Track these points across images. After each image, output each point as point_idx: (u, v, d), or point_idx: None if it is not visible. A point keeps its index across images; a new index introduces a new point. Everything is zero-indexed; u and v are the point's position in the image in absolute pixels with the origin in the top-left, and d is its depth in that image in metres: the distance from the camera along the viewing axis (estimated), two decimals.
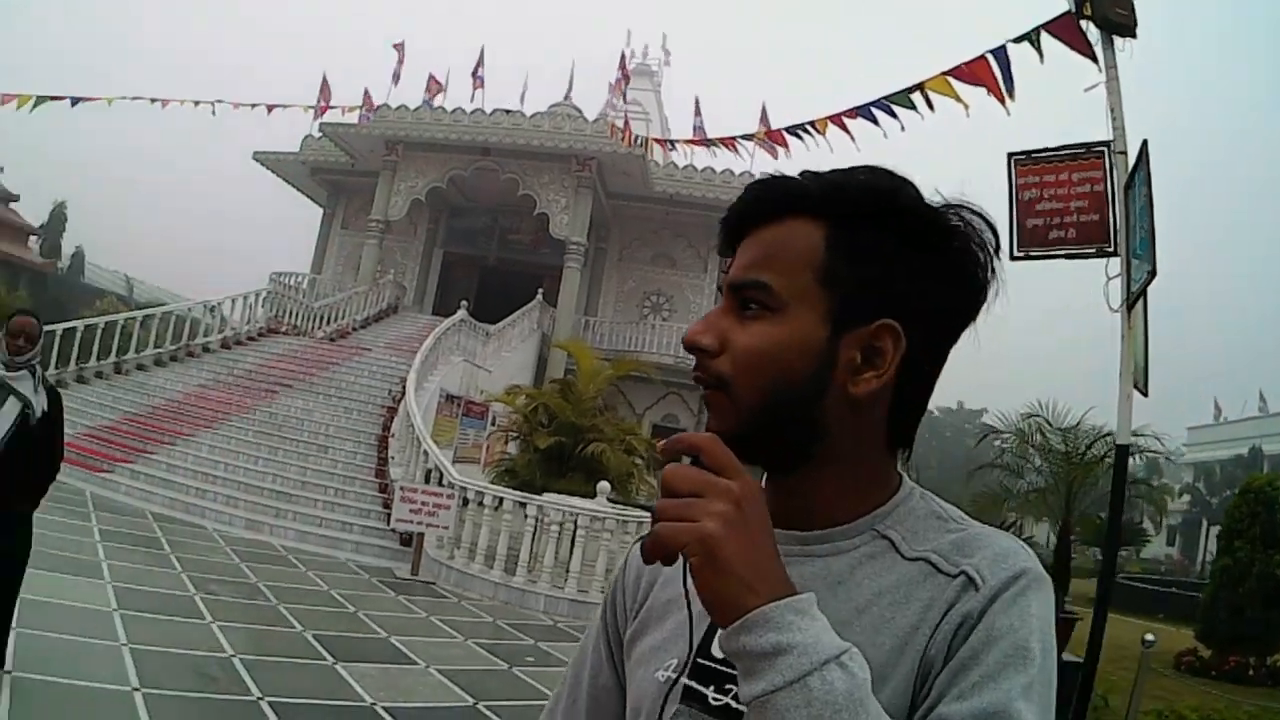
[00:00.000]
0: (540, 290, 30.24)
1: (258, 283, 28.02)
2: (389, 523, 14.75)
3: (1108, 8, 7.93)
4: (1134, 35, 8.01)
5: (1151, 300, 7.77)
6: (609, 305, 32.82)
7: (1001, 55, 9.32)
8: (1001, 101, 9.44)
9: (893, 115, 11.08)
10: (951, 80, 9.89)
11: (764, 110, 21.31)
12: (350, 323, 28.56)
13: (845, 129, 12.42)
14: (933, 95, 10.26)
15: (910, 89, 10.50)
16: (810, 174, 1.16)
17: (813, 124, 13.24)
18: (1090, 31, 8.19)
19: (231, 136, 41.11)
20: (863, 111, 11.58)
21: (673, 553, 0.94)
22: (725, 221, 1.19)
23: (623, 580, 1.37)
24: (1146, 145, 7.71)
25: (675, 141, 25.90)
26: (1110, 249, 7.78)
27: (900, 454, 1.20)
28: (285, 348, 25.29)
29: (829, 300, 1.09)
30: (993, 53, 9.38)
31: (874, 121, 11.42)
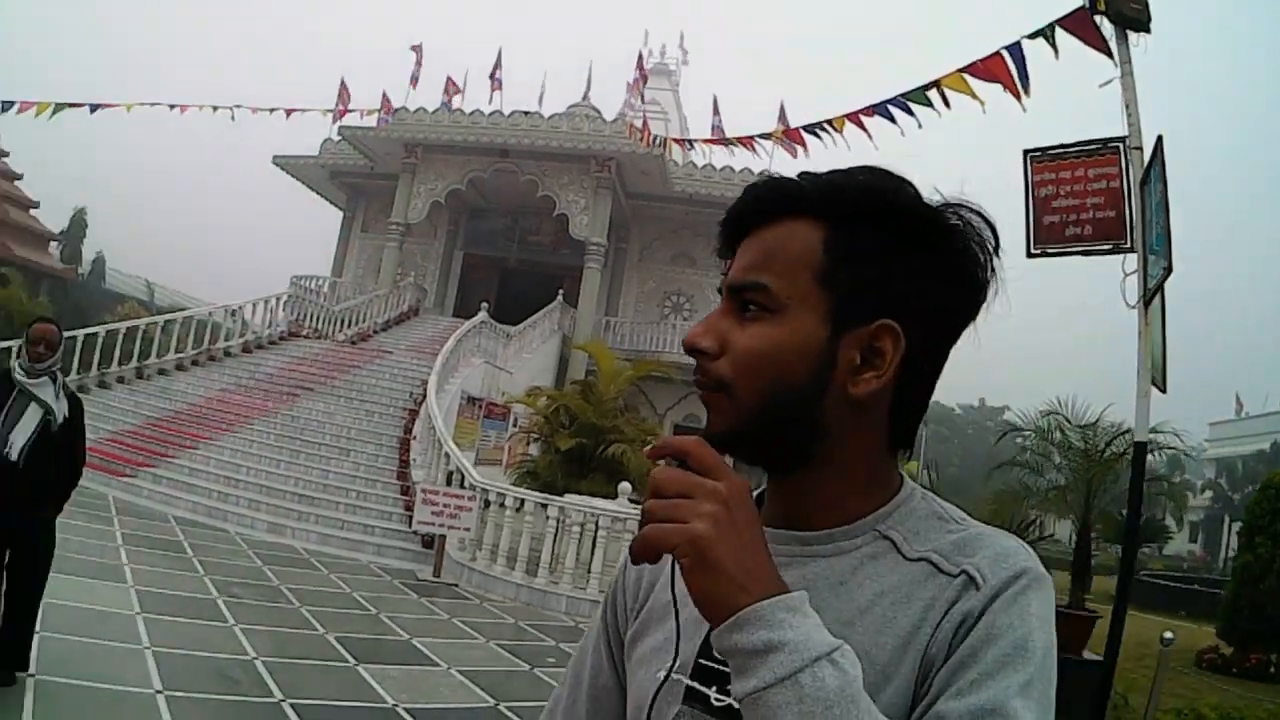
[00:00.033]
0: (560, 291, 30.31)
1: (278, 287, 28.09)
2: (411, 525, 14.74)
3: (1121, 2, 7.89)
4: (1148, 30, 7.96)
5: (1171, 295, 7.74)
6: (629, 305, 32.83)
7: (1016, 52, 9.28)
8: (1017, 98, 9.39)
9: (910, 113, 11.04)
10: (967, 77, 9.85)
11: (782, 109, 21.29)
12: (371, 326, 28.65)
13: (863, 127, 12.38)
14: (949, 92, 10.23)
15: (926, 86, 10.45)
16: (808, 175, 1.16)
17: (830, 123, 13.20)
18: (1105, 27, 8.15)
19: (251, 141, 41.23)
20: (879, 110, 11.53)
21: (659, 553, 0.95)
22: (724, 223, 1.19)
23: (623, 580, 1.36)
24: (1161, 141, 7.67)
25: (694, 141, 25.86)
26: (1126, 245, 7.73)
27: (901, 454, 1.19)
28: (306, 351, 25.37)
29: (828, 301, 1.09)
30: (1008, 49, 9.34)
31: (891, 120, 11.37)
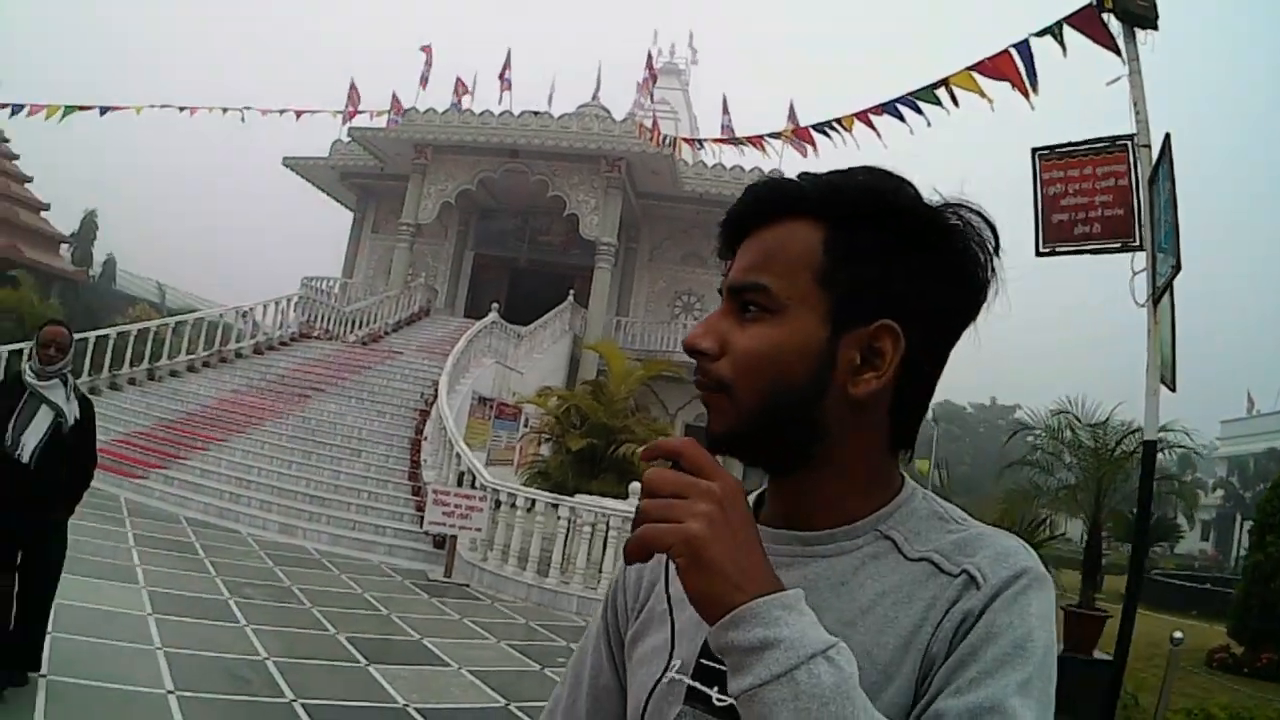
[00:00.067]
0: (571, 291, 30.33)
1: (289, 288, 28.15)
2: (422, 525, 14.75)
3: (1129, 0, 7.88)
4: (1155, 27, 7.94)
5: (1181, 293, 7.73)
6: (640, 305, 32.85)
7: (1024, 49, 9.26)
8: (1026, 96, 9.37)
9: (919, 112, 11.02)
10: (976, 75, 9.84)
11: (791, 108, 21.33)
12: (382, 326, 28.69)
13: (872, 126, 12.36)
14: (957, 91, 10.21)
15: (935, 85, 10.43)
16: (808, 175, 1.16)
17: (839, 121, 13.18)
18: (1111, 24, 8.14)
19: (260, 143, 41.33)
20: (888, 108, 11.51)
21: (653, 552, 0.96)
22: (724, 224, 1.19)
23: (623, 580, 1.36)
24: (1169, 139, 7.65)
25: (703, 140, 25.86)
26: (1135, 243, 7.72)
27: (902, 454, 1.19)
28: (318, 352, 25.43)
29: (828, 301, 1.10)
30: (1016, 47, 9.33)
31: (900, 118, 11.36)
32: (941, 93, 10.39)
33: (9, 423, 6.00)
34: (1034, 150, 8.34)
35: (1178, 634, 8.62)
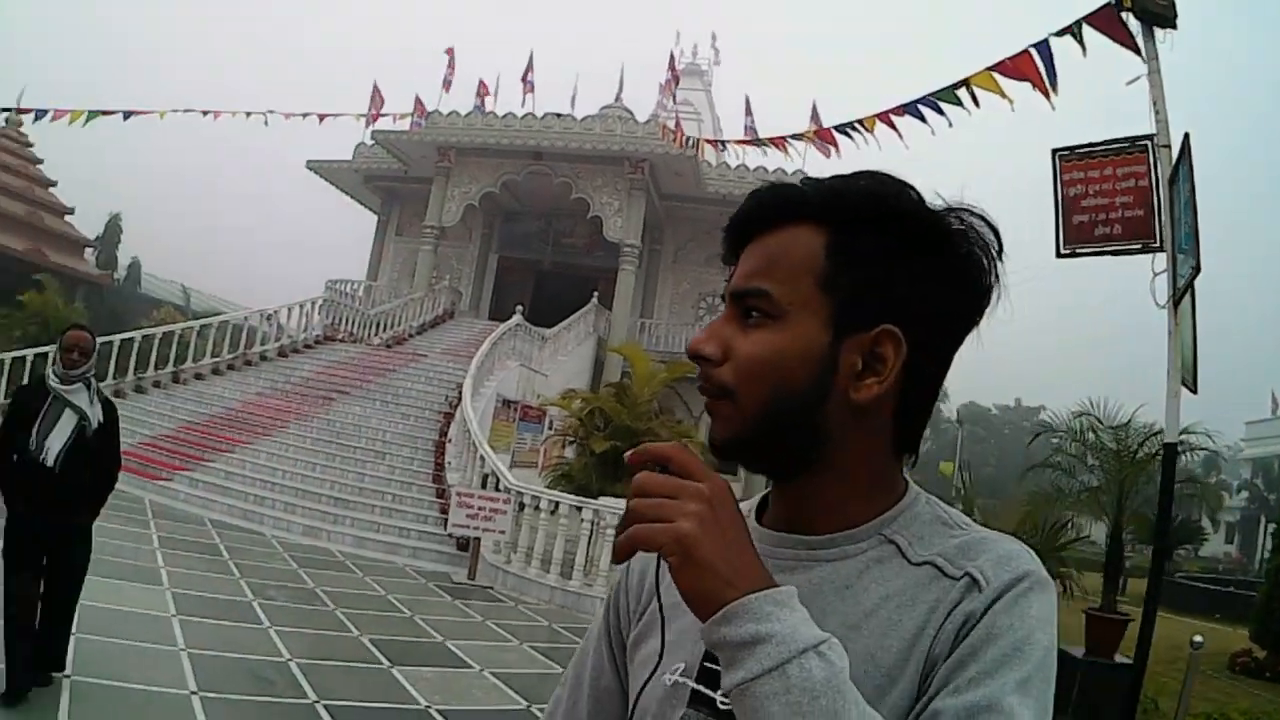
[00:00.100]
0: (595, 293, 30.32)
1: (312, 291, 28.23)
2: (446, 528, 14.76)
3: None
4: (1174, 26, 7.91)
5: (1205, 294, 7.69)
6: (664, 307, 32.82)
7: (1044, 49, 9.24)
8: (1046, 96, 9.35)
9: (940, 112, 11.00)
10: (996, 75, 9.82)
11: (814, 109, 21.26)
12: (406, 329, 28.74)
13: (893, 127, 12.34)
14: (978, 91, 10.19)
15: (956, 85, 10.42)
16: (811, 181, 1.17)
17: (861, 122, 13.16)
18: (1130, 23, 8.11)
19: (276, 145, 41.48)
20: (910, 109, 11.49)
21: (640, 550, 0.98)
22: (728, 230, 1.21)
23: (625, 582, 1.37)
24: (1188, 139, 7.62)
25: (726, 142, 25.82)
26: (1156, 244, 7.69)
27: (906, 459, 1.19)
28: (342, 355, 25.48)
29: (830, 306, 1.10)
30: (1035, 46, 9.30)
31: (921, 119, 11.34)
32: (962, 93, 10.38)
33: (33, 427, 6.04)
34: (1054, 151, 8.33)
35: (1197, 638, 8.60)
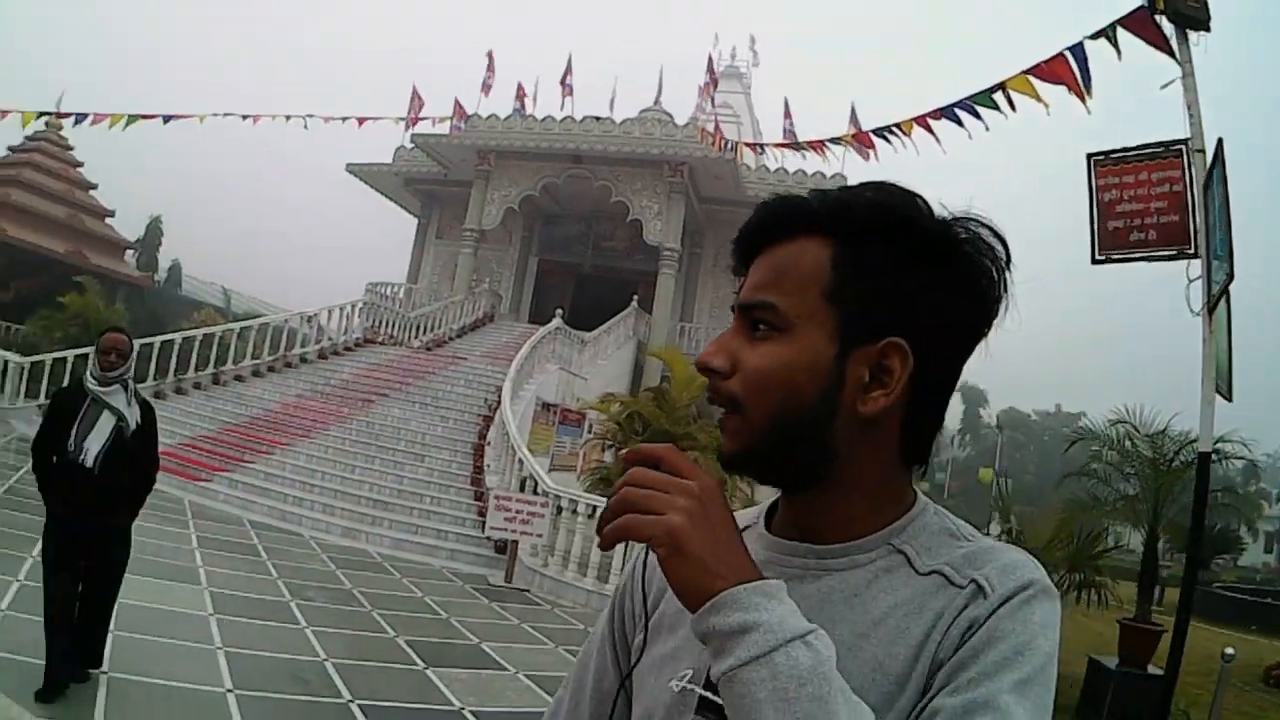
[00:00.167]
0: (635, 297, 30.26)
1: (354, 294, 28.35)
2: (483, 530, 14.78)
3: (1180, 1, 7.78)
4: (1207, 29, 7.84)
5: (1244, 300, 7.62)
6: (704, 311, 32.73)
7: (1079, 52, 9.19)
8: (1082, 99, 9.30)
9: (976, 116, 10.96)
10: (1032, 79, 9.77)
11: (853, 111, 21.16)
12: (446, 332, 28.88)
13: (930, 130, 12.31)
14: (1014, 94, 10.15)
15: (992, 89, 10.40)
16: (818, 193, 1.17)
17: (898, 126, 13.14)
18: (1164, 26, 8.05)
19: (325, 149, 41.69)
20: (946, 113, 11.47)
21: (627, 540, 1.01)
22: (736, 242, 1.21)
23: (631, 585, 1.37)
24: (1222, 143, 7.55)
25: (764, 145, 25.79)
26: (1190, 251, 7.61)
27: (916, 469, 1.20)
28: (382, 357, 25.58)
29: (836, 318, 1.11)
30: (1070, 50, 9.25)
31: (958, 123, 11.31)
32: (999, 97, 10.34)
33: (72, 428, 6.09)
34: (1089, 156, 8.27)
35: (1229, 650, 8.56)
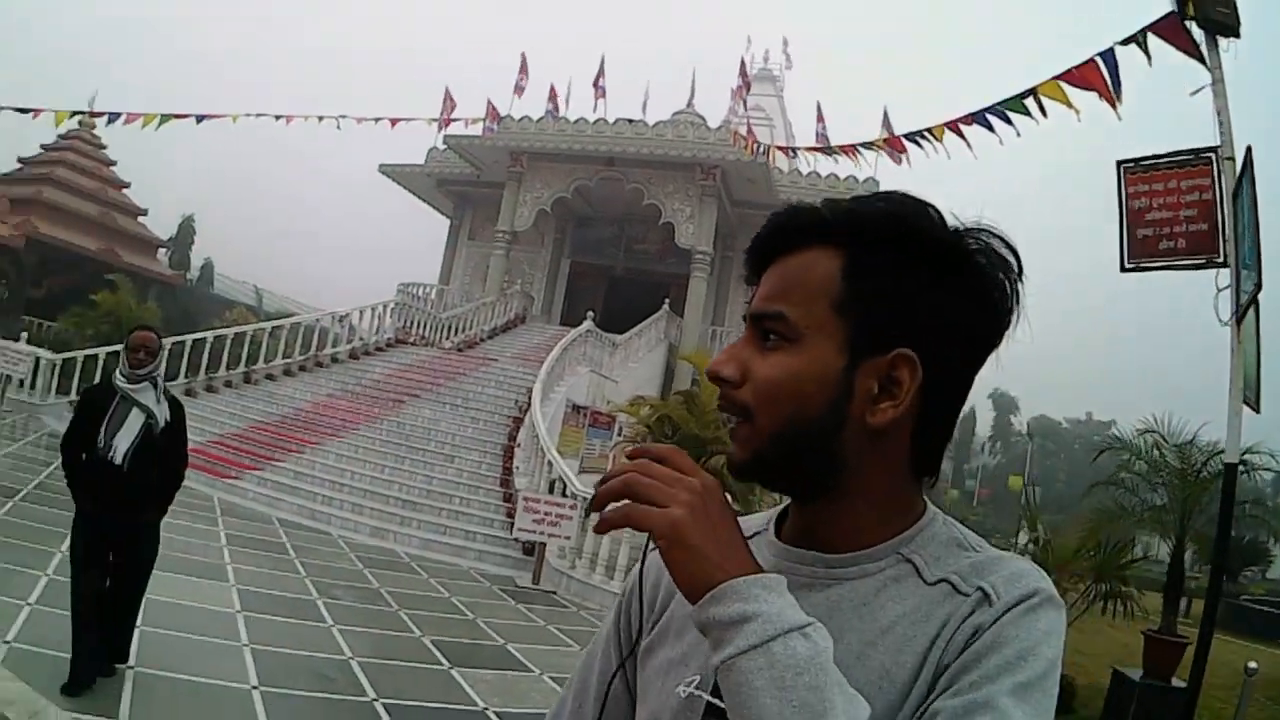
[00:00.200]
0: (666, 300, 30.22)
1: (386, 294, 28.43)
2: (512, 532, 14.78)
3: (1210, 7, 7.71)
4: (1237, 35, 7.78)
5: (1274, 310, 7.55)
6: (735, 315, 32.52)
7: (1109, 58, 9.14)
8: (1112, 105, 9.26)
9: (1007, 121, 10.94)
10: (1063, 84, 9.74)
11: (885, 115, 21.10)
12: (478, 333, 28.94)
13: (961, 135, 12.28)
14: (1044, 100, 10.12)
15: (1023, 94, 10.39)
16: (830, 203, 1.17)
17: (930, 131, 13.11)
18: (1194, 32, 7.99)
19: (358, 150, 41.84)
20: (978, 118, 11.45)
21: (626, 526, 1.03)
22: (749, 252, 1.22)
23: (638, 588, 1.36)
24: (1250, 151, 7.48)
25: (797, 149, 25.73)
26: (1219, 259, 7.54)
27: (927, 481, 1.20)
28: (413, 358, 25.62)
29: (845, 330, 1.11)
30: (1100, 55, 9.21)
31: (989, 128, 11.28)
32: (1029, 102, 10.32)
33: (101, 426, 6.13)
34: (1119, 163, 8.21)
35: (1252, 664, 8.51)
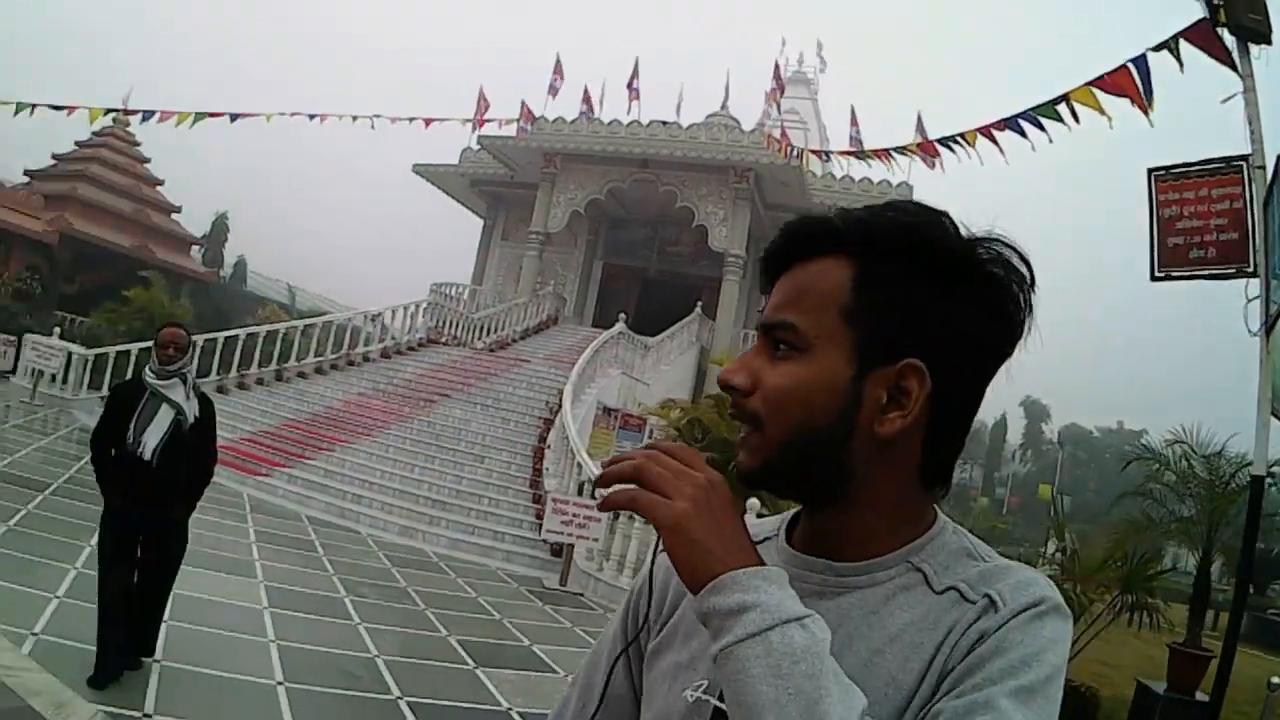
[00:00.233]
0: (699, 303, 30.19)
1: (418, 294, 28.50)
2: (540, 533, 14.78)
3: (1241, 13, 7.65)
4: (1269, 42, 7.70)
5: None
6: None
7: (1142, 65, 9.09)
8: (1145, 112, 9.20)
9: (1040, 127, 10.90)
10: (1095, 91, 9.69)
11: (919, 119, 21.06)
12: (510, 334, 28.96)
13: (994, 140, 12.25)
14: (1077, 106, 10.08)
15: (1055, 100, 10.35)
16: (843, 212, 1.18)
17: (962, 136, 13.07)
18: (1226, 39, 7.93)
19: (392, 150, 41.99)
20: (1010, 124, 11.42)
21: (628, 510, 1.04)
22: (762, 261, 1.23)
23: (645, 590, 1.35)
24: None
25: (830, 153, 25.69)
26: (1249, 269, 7.46)
27: (937, 490, 1.20)
28: (445, 358, 25.66)
29: (854, 339, 1.11)
30: (1133, 62, 9.16)
31: (1021, 134, 11.25)
32: (1062, 108, 10.28)
33: (131, 421, 6.16)
34: (1150, 171, 8.14)
35: (1275, 679, 8.45)
